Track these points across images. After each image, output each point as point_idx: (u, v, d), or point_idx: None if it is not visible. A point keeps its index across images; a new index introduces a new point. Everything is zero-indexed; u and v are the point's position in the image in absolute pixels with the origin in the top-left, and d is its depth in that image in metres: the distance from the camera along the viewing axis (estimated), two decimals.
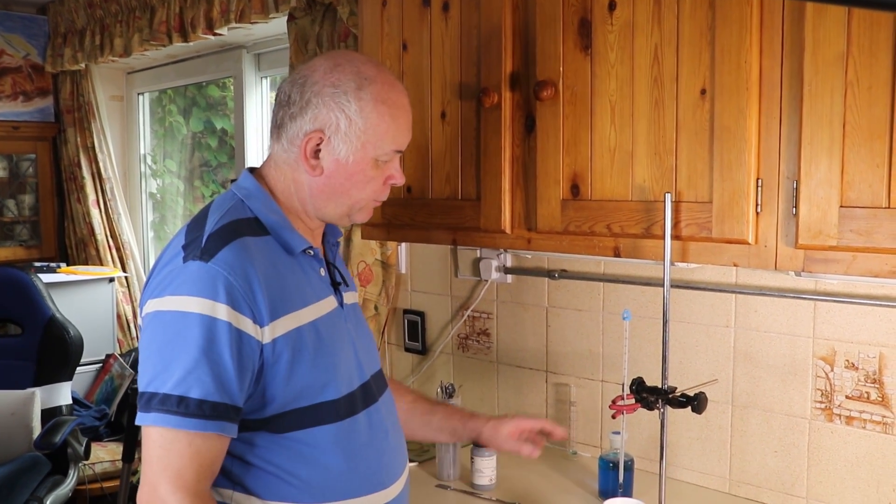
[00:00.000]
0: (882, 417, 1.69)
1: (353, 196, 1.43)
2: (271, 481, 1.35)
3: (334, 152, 1.40)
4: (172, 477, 1.24)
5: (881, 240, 1.32)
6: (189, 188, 4.31)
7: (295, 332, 1.34)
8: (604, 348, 2.14)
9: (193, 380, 1.25)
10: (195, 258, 1.30)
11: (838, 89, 1.34)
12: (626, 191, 1.61)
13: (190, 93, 4.25)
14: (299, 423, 1.36)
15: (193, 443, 1.25)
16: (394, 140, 1.42)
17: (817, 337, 1.77)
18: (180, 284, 1.28)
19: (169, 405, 1.24)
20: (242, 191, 1.44)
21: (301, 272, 1.41)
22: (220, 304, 1.27)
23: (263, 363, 1.32)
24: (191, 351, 1.25)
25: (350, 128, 1.39)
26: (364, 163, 1.40)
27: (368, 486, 1.42)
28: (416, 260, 2.62)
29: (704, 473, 1.97)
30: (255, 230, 1.38)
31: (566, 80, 1.68)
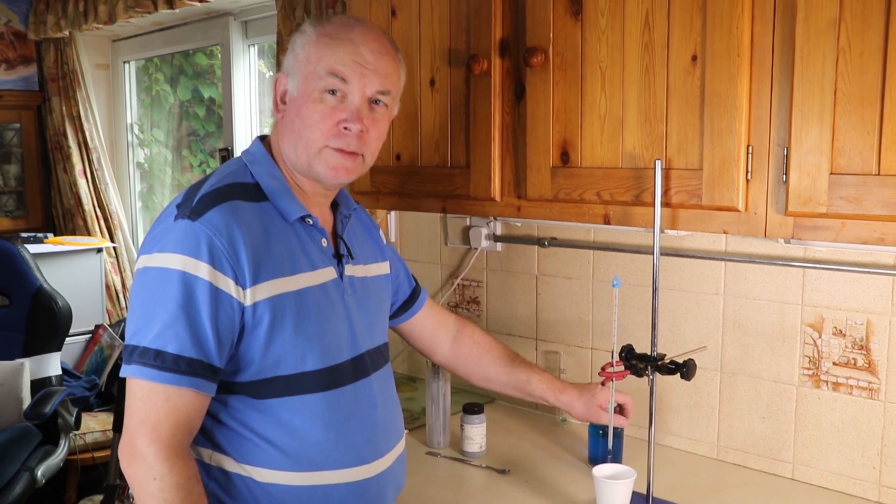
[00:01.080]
0: (868, 383, 1.71)
1: (304, 136, 1.40)
2: (247, 446, 1.36)
3: (290, 91, 1.43)
4: (149, 430, 1.27)
5: (870, 207, 1.32)
6: (177, 158, 4.28)
7: (277, 298, 1.34)
8: (593, 316, 2.15)
9: (171, 335, 1.27)
10: (184, 217, 1.32)
11: (830, 56, 1.33)
12: (616, 158, 1.61)
13: (177, 61, 4.20)
14: (279, 391, 1.36)
15: (171, 397, 1.28)
16: (328, 65, 1.38)
17: (806, 304, 1.78)
18: (167, 242, 1.31)
19: (147, 358, 1.27)
20: (249, 156, 1.47)
21: (296, 240, 1.41)
22: (201, 263, 1.29)
23: (244, 325, 1.33)
24: (170, 306, 1.27)
25: (296, 62, 1.42)
26: (308, 95, 1.40)
27: (350, 459, 1.41)
28: (405, 228, 2.61)
29: (693, 440, 1.99)
30: (252, 195, 1.39)
31: (556, 46, 1.67)
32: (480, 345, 1.84)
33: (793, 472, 1.83)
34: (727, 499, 1.73)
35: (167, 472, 1.26)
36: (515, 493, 1.76)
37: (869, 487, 1.72)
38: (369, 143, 1.44)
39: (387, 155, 2.05)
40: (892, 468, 1.69)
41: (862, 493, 1.73)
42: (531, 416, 2.25)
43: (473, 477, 1.87)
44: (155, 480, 1.26)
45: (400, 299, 1.76)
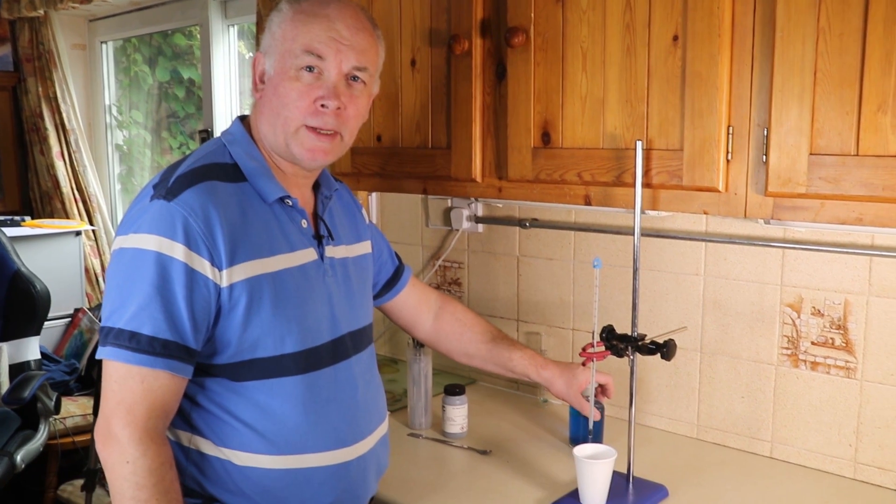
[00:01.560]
0: (845, 362, 1.72)
1: (282, 115, 1.39)
2: (225, 429, 1.36)
3: (266, 69, 1.42)
4: (124, 412, 1.26)
5: (849, 187, 1.33)
6: (156, 140, 4.25)
7: (255, 280, 1.33)
8: (574, 297, 2.15)
9: (146, 316, 1.26)
10: (160, 197, 1.31)
11: (810, 36, 1.33)
12: (598, 139, 1.61)
13: (155, 42, 4.16)
14: (257, 373, 1.35)
15: (146, 379, 1.27)
16: (303, 43, 1.37)
17: (785, 284, 1.79)
18: (143, 223, 1.30)
19: (122, 340, 1.26)
20: (228, 136, 1.45)
21: (274, 221, 1.39)
22: (177, 244, 1.27)
23: (220, 307, 1.32)
24: (145, 288, 1.26)
25: (272, 40, 1.41)
26: (285, 74, 1.38)
27: (329, 442, 1.41)
28: (386, 210, 2.60)
29: (673, 419, 2.00)
30: (230, 176, 1.38)
31: (537, 26, 1.66)
32: (462, 321, 1.84)
33: (771, 450, 1.85)
34: (707, 478, 1.75)
35: (140, 455, 1.25)
36: (497, 473, 1.77)
37: (845, 465, 1.75)
38: (347, 122, 1.41)
39: (368, 136, 2.04)
40: (868, 446, 1.71)
41: (838, 471, 1.75)
42: (512, 398, 2.26)
43: (455, 458, 1.87)
44: (128, 464, 1.25)
45: (383, 278, 1.75)
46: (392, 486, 1.69)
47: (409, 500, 1.65)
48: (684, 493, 1.67)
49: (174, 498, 1.28)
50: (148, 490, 1.25)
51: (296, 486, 1.38)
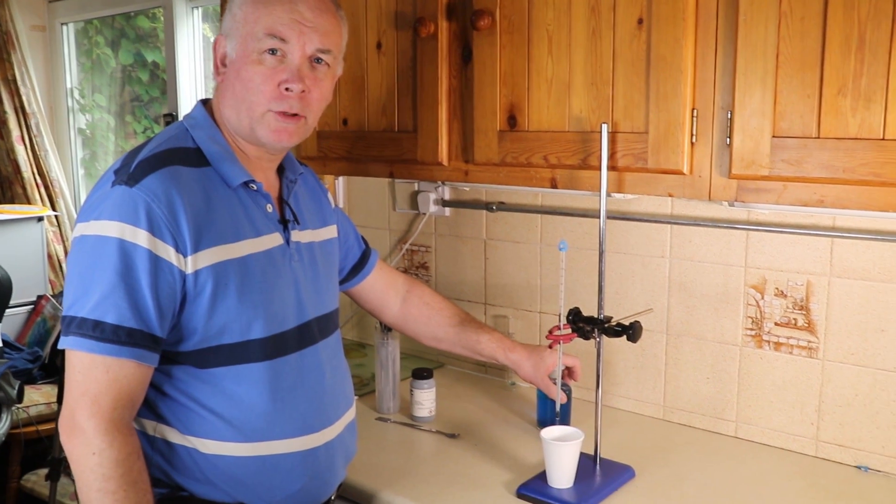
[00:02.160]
0: (808, 343, 1.75)
1: (246, 100, 1.37)
2: (191, 417, 1.34)
3: (228, 52, 1.39)
4: (89, 402, 1.24)
5: (810, 169, 1.34)
6: (120, 124, 4.18)
7: (220, 266, 1.32)
8: (541, 280, 2.16)
9: (109, 305, 1.24)
10: (122, 183, 1.28)
11: (772, 20, 1.34)
12: (563, 122, 1.61)
13: (118, 24, 4.09)
14: (223, 360, 1.34)
15: (111, 369, 1.25)
16: (265, 25, 1.35)
17: (749, 266, 1.81)
18: (104, 209, 1.27)
19: (85, 329, 1.24)
20: (190, 120, 1.43)
21: (239, 206, 1.38)
22: (140, 230, 1.25)
23: (186, 294, 1.30)
24: (108, 275, 1.24)
25: (234, 23, 1.38)
26: (247, 57, 1.36)
27: (297, 428, 1.40)
28: (353, 194, 2.59)
29: (640, 401, 2.02)
30: (193, 160, 1.36)
31: (503, 9, 1.66)
32: (430, 305, 1.84)
33: (736, 430, 1.87)
34: (673, 458, 1.77)
35: (107, 446, 1.24)
36: (465, 456, 1.78)
37: (807, 443, 1.77)
38: (312, 104, 1.40)
39: (334, 119, 2.02)
40: (829, 424, 1.74)
41: (800, 449, 1.78)
42: (480, 381, 2.27)
43: (423, 442, 1.88)
44: (94, 455, 1.23)
45: (350, 263, 1.75)
46: (360, 471, 1.69)
47: (377, 485, 1.65)
48: (651, 474, 1.68)
49: (142, 489, 1.27)
50: (115, 481, 1.24)
51: (263, 472, 1.37)
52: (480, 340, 1.81)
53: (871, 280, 1.66)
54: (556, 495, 1.56)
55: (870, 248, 1.65)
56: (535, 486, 1.60)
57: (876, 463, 1.69)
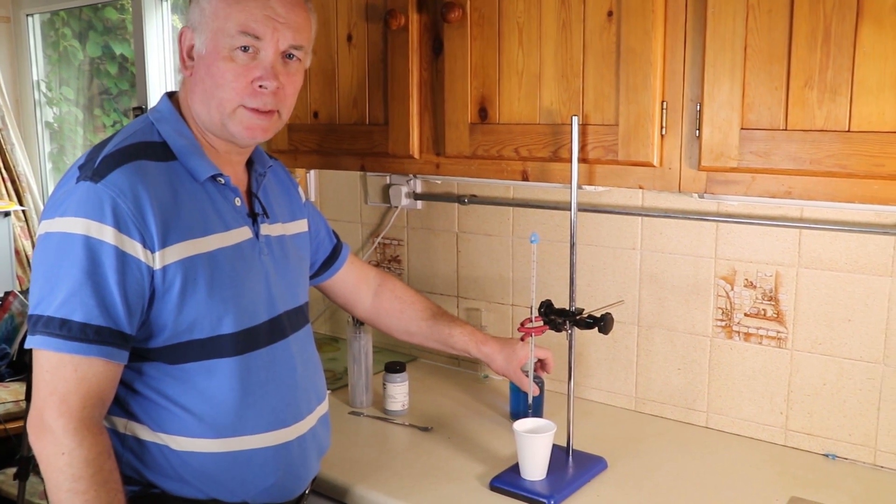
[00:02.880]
0: (777, 333, 1.77)
1: (216, 96, 1.35)
2: (162, 414, 1.33)
3: (197, 47, 1.37)
4: (58, 402, 1.22)
5: (778, 161, 1.35)
6: (89, 117, 4.13)
7: (189, 261, 1.30)
8: (513, 272, 2.16)
9: (76, 302, 1.22)
10: (86, 179, 1.26)
11: (740, 12, 1.35)
12: (534, 114, 1.61)
13: (85, 15, 4.03)
14: (194, 355, 1.33)
15: (79, 368, 1.23)
16: (238, 22, 1.32)
17: (719, 257, 1.83)
18: (69, 205, 1.25)
19: (52, 328, 1.22)
20: (156, 114, 1.41)
21: (207, 200, 1.36)
22: (106, 227, 1.23)
23: (154, 290, 1.28)
24: (74, 273, 1.22)
25: (202, 17, 1.36)
26: (217, 54, 1.34)
27: (269, 423, 1.39)
28: (325, 187, 2.58)
29: (612, 392, 2.03)
30: (159, 155, 1.34)
31: (474, 1, 1.65)
32: (402, 299, 1.83)
33: (707, 420, 1.89)
34: (645, 449, 1.78)
35: (76, 446, 1.22)
36: (438, 449, 1.78)
37: (776, 432, 1.79)
38: (286, 100, 1.40)
39: (304, 112, 2.01)
40: (798, 413, 1.76)
41: (770, 438, 1.80)
42: (453, 374, 2.27)
43: (396, 435, 1.88)
44: (63, 455, 1.21)
45: (321, 257, 1.74)
46: (334, 465, 1.68)
47: (350, 479, 1.64)
48: (623, 465, 1.69)
49: (113, 488, 1.25)
50: (85, 481, 1.22)
51: (236, 468, 1.36)
52: (453, 334, 1.80)
53: (838, 270, 1.68)
54: (529, 487, 1.57)
55: (836, 238, 1.67)
56: (507, 478, 1.60)
57: (843, 451, 1.72)
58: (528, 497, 1.54)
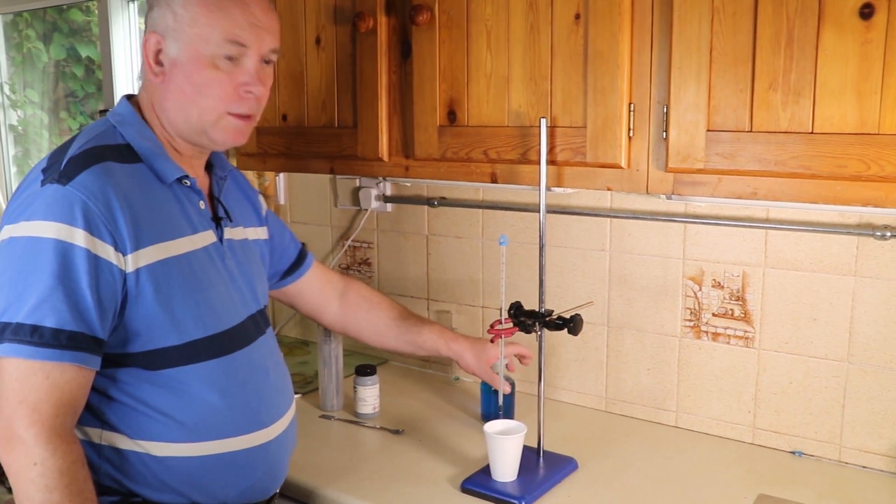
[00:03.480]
0: (744, 332, 1.78)
1: (199, 104, 1.34)
2: (140, 420, 1.31)
3: (171, 53, 1.33)
4: (28, 411, 1.19)
5: (744, 162, 1.37)
6: (54, 120, 4.08)
7: (161, 265, 1.29)
8: (483, 274, 2.17)
9: (48, 308, 1.19)
10: (52, 181, 1.23)
11: (706, 15, 1.36)
12: (503, 116, 1.61)
13: (50, 17, 3.98)
14: (170, 361, 1.31)
15: (51, 375, 1.20)
16: (224, 31, 1.31)
17: (687, 258, 1.84)
18: (36, 209, 1.22)
19: (22, 335, 1.19)
20: (116, 117, 1.38)
21: (175, 203, 1.35)
22: (77, 230, 1.21)
23: (127, 293, 1.27)
24: (45, 278, 1.20)
25: (177, 23, 1.32)
26: (199, 61, 1.32)
27: (246, 425, 1.39)
28: (294, 190, 2.57)
29: (582, 393, 2.04)
30: (124, 157, 1.32)
31: (442, 4, 1.66)
32: (369, 300, 1.83)
33: (676, 419, 1.90)
34: (615, 449, 1.79)
35: (49, 455, 1.18)
36: (409, 452, 1.78)
37: (744, 431, 1.81)
38: (262, 103, 1.41)
39: (273, 115, 2.00)
40: (765, 412, 1.78)
41: (738, 437, 1.82)
42: (424, 376, 2.27)
43: (367, 438, 1.87)
44: (36, 465, 1.18)
45: (286, 262, 1.73)
46: (304, 468, 1.68)
47: (321, 483, 1.64)
48: (594, 465, 1.70)
49: (88, 497, 1.22)
50: (59, 492, 1.18)
51: (218, 471, 1.36)
52: (422, 332, 1.80)
53: (803, 270, 1.70)
54: (500, 489, 1.57)
55: (802, 239, 1.69)
56: (479, 479, 1.60)
57: (809, 448, 1.74)
58: (499, 498, 1.54)
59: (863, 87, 1.25)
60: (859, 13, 1.23)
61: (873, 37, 1.23)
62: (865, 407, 1.67)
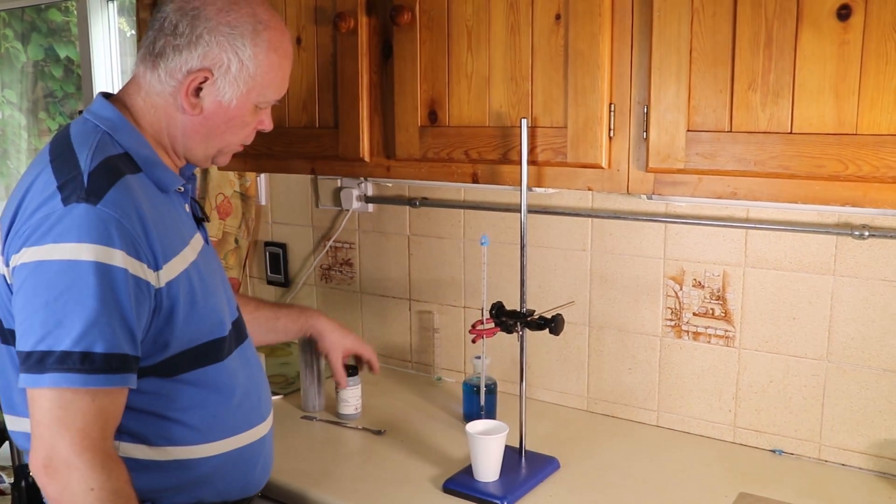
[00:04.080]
0: (725, 332, 1.79)
1: (225, 139, 1.38)
2: (161, 425, 1.30)
3: (218, 94, 1.32)
4: (77, 437, 1.15)
5: (724, 162, 1.37)
6: (33, 121, 4.05)
7: (184, 275, 1.29)
8: (465, 275, 2.17)
9: (97, 333, 1.16)
10: (80, 200, 1.18)
11: (685, 16, 1.37)
12: (484, 117, 1.61)
13: (28, 16, 3.95)
14: (188, 364, 1.32)
15: (97, 399, 1.17)
16: (278, 89, 1.39)
17: (668, 258, 1.85)
18: (66, 230, 1.17)
19: (70, 363, 1.15)
20: (105, 122, 1.32)
21: (174, 211, 1.35)
22: (115, 251, 1.18)
23: (157, 308, 1.25)
24: (89, 303, 1.15)
25: (241, 72, 1.32)
26: (245, 108, 1.35)
27: (251, 420, 1.42)
28: (275, 191, 2.56)
29: (564, 393, 2.04)
30: (131, 167, 1.29)
31: (423, 4, 1.65)
32: None
33: (658, 419, 1.91)
34: (597, 448, 1.79)
35: (106, 479, 1.16)
36: (391, 453, 1.77)
37: (725, 429, 1.82)
38: None
39: None
40: (745, 410, 1.79)
41: (719, 435, 1.83)
42: (406, 377, 2.27)
43: (349, 439, 1.87)
44: (93, 491, 1.15)
45: None
46: (286, 470, 1.67)
47: (303, 484, 1.63)
48: (575, 465, 1.70)
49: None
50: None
51: (226, 467, 1.38)
52: (278, 316, 1.83)
53: (783, 270, 1.71)
54: (482, 489, 1.57)
55: (781, 238, 1.70)
56: (461, 480, 1.60)
57: (789, 446, 1.75)
58: (481, 498, 1.55)
59: (840, 88, 1.25)
60: (837, 14, 1.24)
61: (850, 38, 1.24)
62: (844, 405, 1.69)
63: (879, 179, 1.25)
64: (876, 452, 1.66)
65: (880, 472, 1.66)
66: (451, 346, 2.22)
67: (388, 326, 2.34)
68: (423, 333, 2.27)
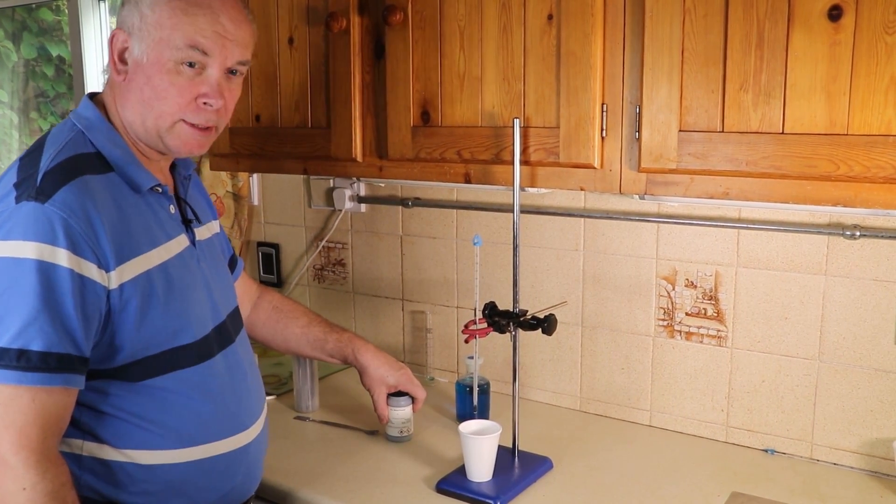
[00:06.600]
0: (717, 331, 1.80)
1: (155, 108, 1.31)
2: (126, 429, 1.29)
3: (134, 53, 1.31)
4: (15, 436, 1.15)
5: (716, 162, 1.37)
6: (25, 121, 4.03)
7: (144, 277, 1.27)
8: (458, 275, 2.17)
9: (34, 331, 1.16)
10: (30, 198, 1.19)
11: (677, 16, 1.37)
12: (476, 117, 1.61)
13: (19, 16, 3.93)
14: (153, 370, 1.30)
15: (37, 398, 1.17)
16: (186, 36, 1.28)
17: (660, 258, 1.85)
18: (13, 228, 1.18)
19: (7, 360, 1.15)
20: (83, 121, 1.33)
21: (149, 211, 1.33)
22: (59, 249, 1.17)
23: (110, 310, 1.24)
24: (29, 300, 1.15)
25: (143, 23, 1.30)
26: (160, 65, 1.29)
27: (229, 428, 1.39)
28: (268, 191, 2.55)
29: (557, 393, 2.04)
30: (97, 167, 1.28)
31: (415, 4, 1.65)
32: (280, 309, 1.80)
33: (650, 419, 1.91)
34: (590, 448, 1.79)
35: (39, 479, 1.15)
36: (384, 453, 1.77)
37: (717, 429, 1.82)
38: (226, 115, 1.38)
39: (246, 116, 1.98)
40: (738, 410, 1.79)
41: (711, 435, 1.83)
42: None
43: (342, 439, 1.86)
44: (25, 490, 1.15)
45: None
46: (279, 470, 1.67)
47: (296, 485, 1.63)
48: (568, 465, 1.71)
49: None
50: None
51: (201, 475, 1.35)
52: (328, 339, 1.76)
53: (775, 269, 1.71)
54: (476, 489, 1.57)
55: (773, 238, 1.71)
56: (454, 480, 1.60)
57: (781, 445, 1.75)
58: (474, 498, 1.55)
59: (832, 88, 1.26)
60: (828, 15, 1.24)
61: (841, 38, 1.24)
62: (836, 405, 1.69)
63: (870, 179, 1.26)
64: (867, 451, 1.67)
65: (872, 472, 1.66)
66: (444, 346, 2.22)
67: (380, 326, 2.34)
68: (416, 333, 2.26)
